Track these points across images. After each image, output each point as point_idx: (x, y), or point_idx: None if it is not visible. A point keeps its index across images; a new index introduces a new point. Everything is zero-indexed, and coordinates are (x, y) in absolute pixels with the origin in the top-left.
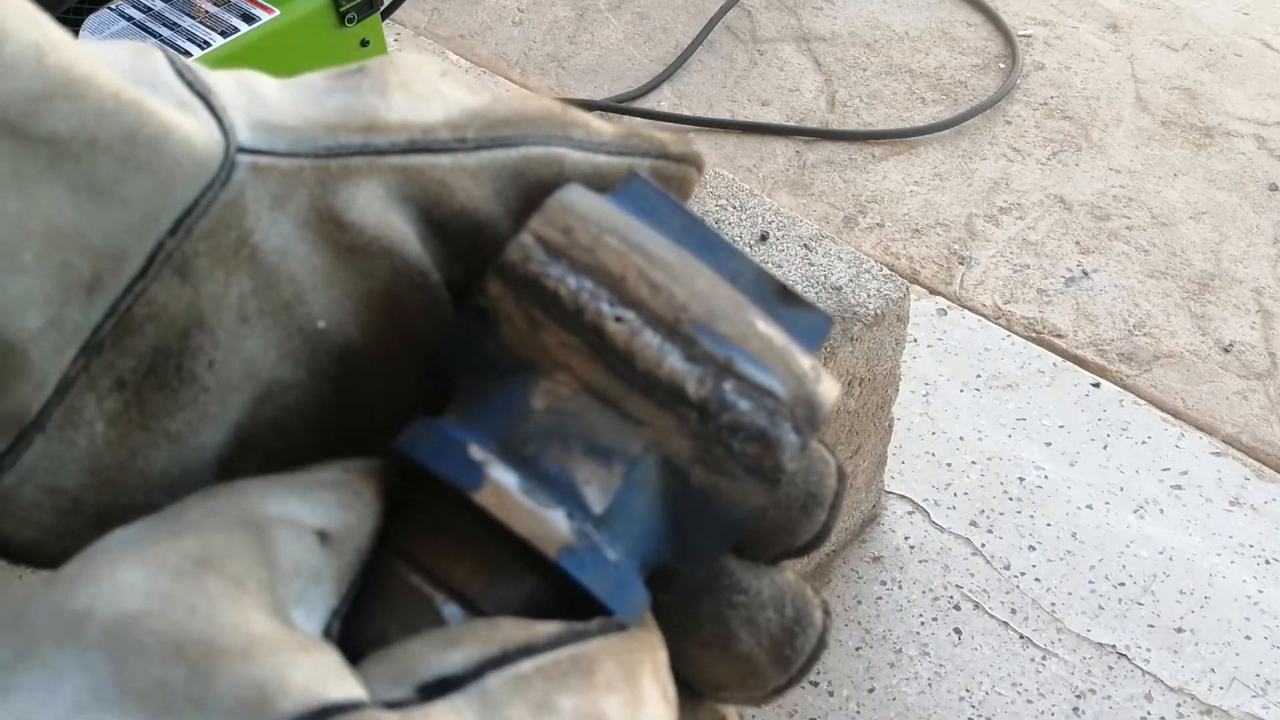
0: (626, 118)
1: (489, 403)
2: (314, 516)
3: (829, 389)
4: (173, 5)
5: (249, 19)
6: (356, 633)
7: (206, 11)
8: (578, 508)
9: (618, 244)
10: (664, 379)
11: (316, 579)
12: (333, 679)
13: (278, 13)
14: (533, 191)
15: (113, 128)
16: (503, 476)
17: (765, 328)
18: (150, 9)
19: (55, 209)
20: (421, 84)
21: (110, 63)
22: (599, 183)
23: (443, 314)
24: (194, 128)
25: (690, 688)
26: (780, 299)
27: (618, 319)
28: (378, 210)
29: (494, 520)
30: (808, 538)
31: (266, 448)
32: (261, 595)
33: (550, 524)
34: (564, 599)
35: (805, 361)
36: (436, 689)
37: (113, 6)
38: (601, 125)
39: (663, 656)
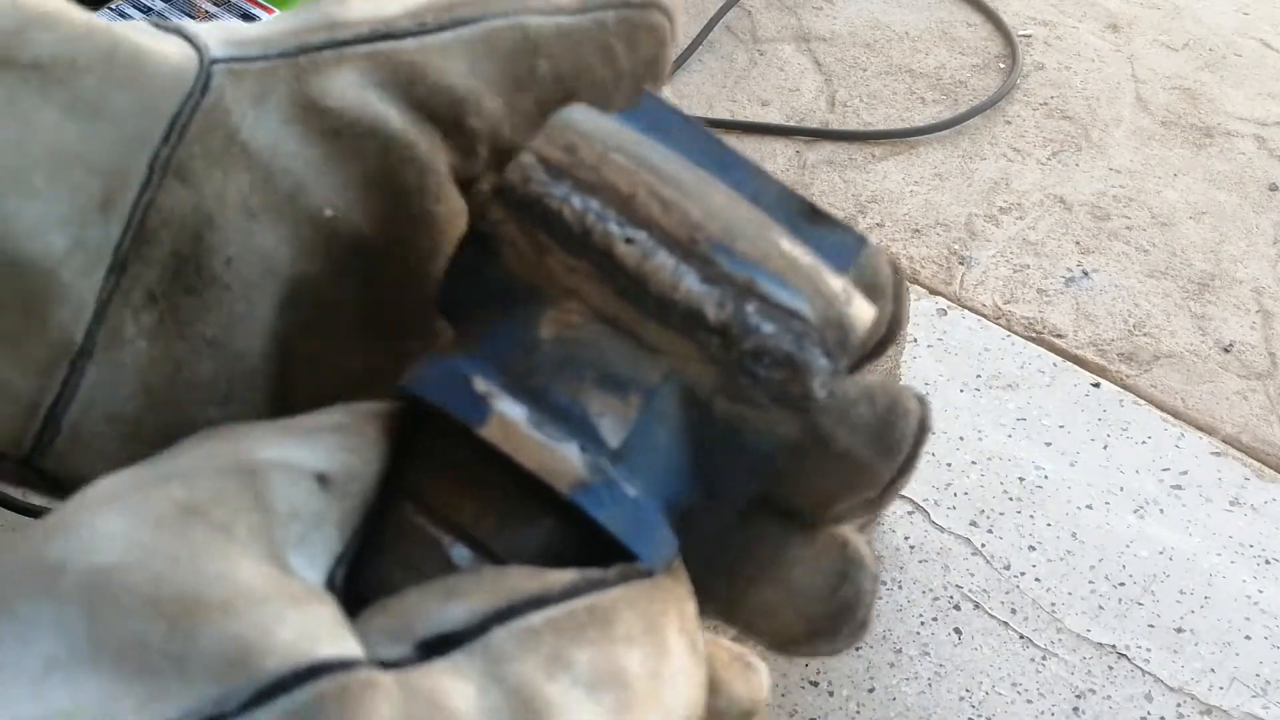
0: None
1: (494, 334)
2: (313, 459)
3: (862, 311)
4: (173, 5)
5: (248, 19)
6: (362, 580)
7: (206, 11)
8: (592, 441)
9: (625, 161)
10: (681, 302)
11: (317, 524)
12: (325, 634)
13: (277, 13)
14: (505, 63)
15: (91, 50)
16: (510, 409)
17: (790, 246)
18: (150, 9)
19: (53, 132)
20: None
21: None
22: (566, 45)
23: (444, 193)
24: (168, 47)
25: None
26: (808, 218)
27: (628, 240)
28: (354, 94)
29: (502, 456)
30: (877, 485)
31: (310, 354)
32: (253, 543)
33: (563, 457)
34: (583, 543)
35: (836, 282)
36: (437, 646)
37: (112, 6)
38: None
39: (691, 607)
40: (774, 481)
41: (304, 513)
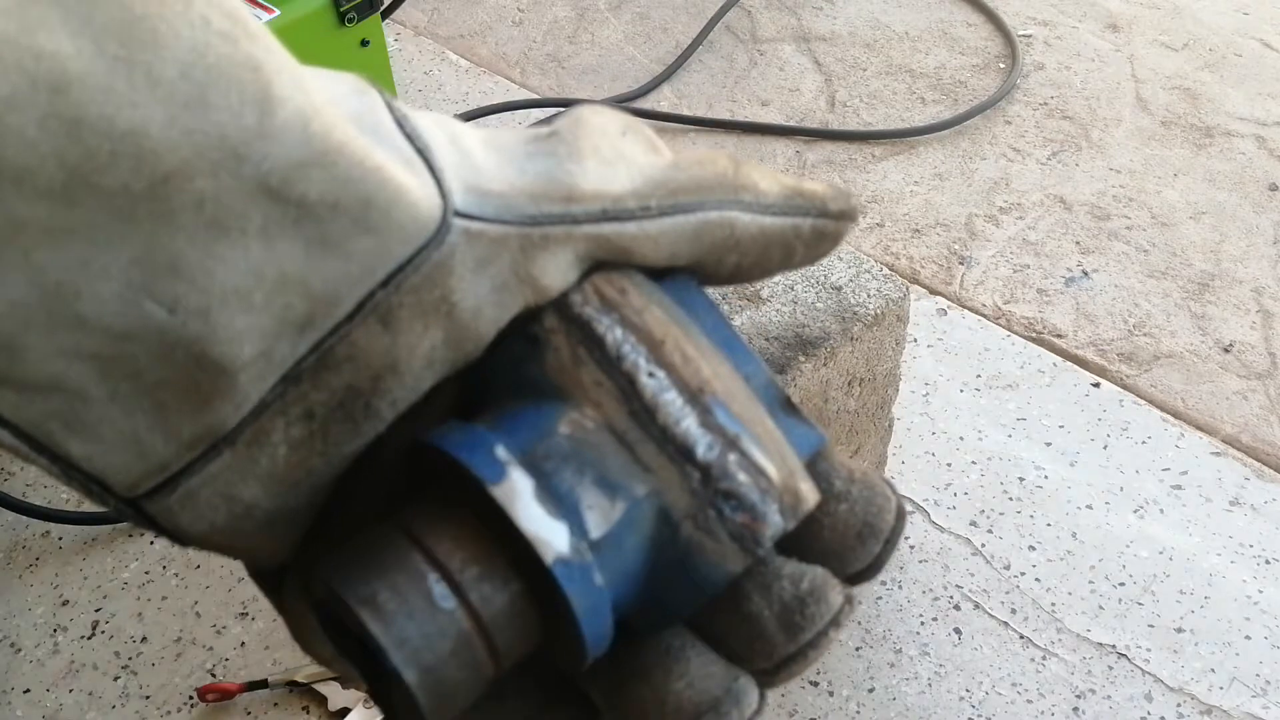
0: None
1: (520, 417)
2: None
3: (811, 493)
4: None
5: None
6: (349, 590)
7: None
8: (578, 527)
9: (663, 315)
10: (679, 436)
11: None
12: None
13: (278, 13)
14: (706, 254)
15: (355, 194)
16: (520, 480)
17: (770, 424)
18: None
19: (290, 260)
20: (608, 148)
21: (335, 100)
22: (760, 245)
23: None
24: (420, 192)
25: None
26: (784, 407)
27: (650, 374)
28: (564, 273)
29: (503, 517)
30: (859, 566)
31: None
32: None
33: (553, 532)
34: (541, 614)
35: (796, 462)
36: None
37: None
38: (768, 185)
39: None
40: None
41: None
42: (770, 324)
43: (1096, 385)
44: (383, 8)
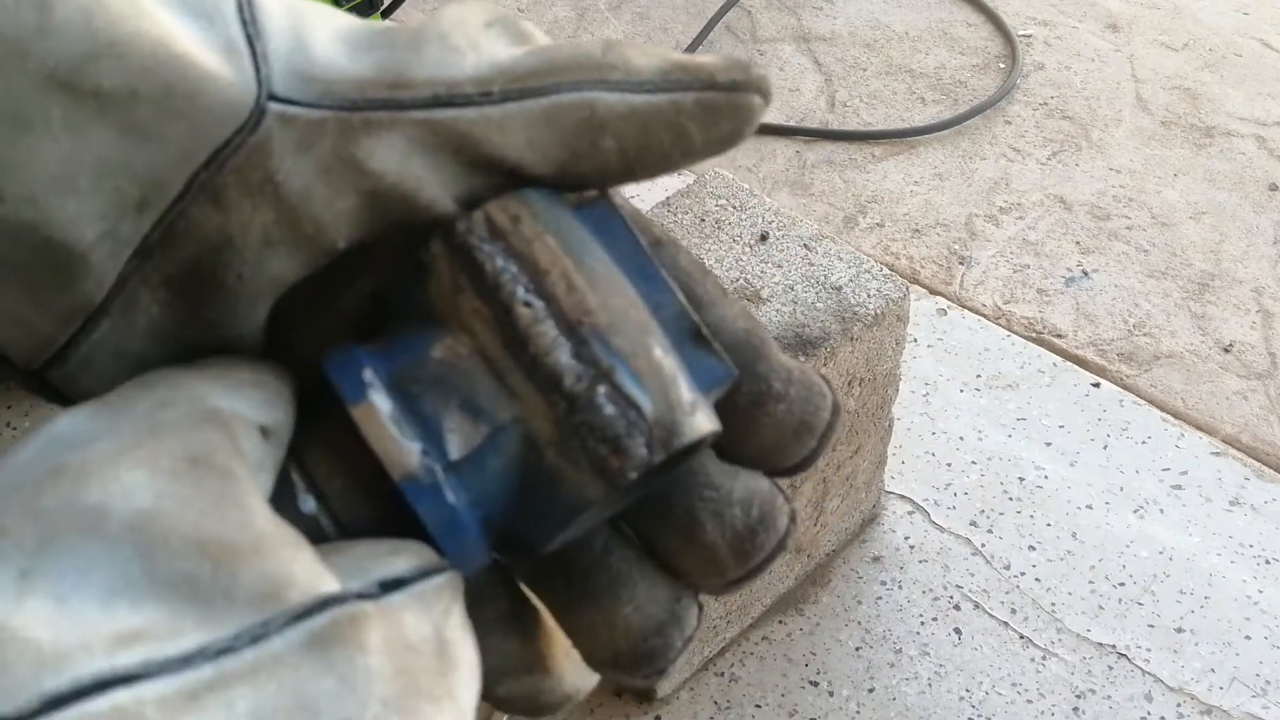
0: None
1: (396, 341)
2: (256, 414)
3: (702, 423)
4: None
5: None
6: None
7: None
8: (436, 449)
9: (554, 244)
10: (548, 365)
11: (262, 469)
12: (322, 572)
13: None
14: (567, 138)
15: (152, 81)
16: (379, 400)
17: (660, 355)
18: None
19: (104, 146)
20: (459, 36)
21: None
22: (635, 126)
23: None
24: (229, 79)
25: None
26: (693, 339)
27: (526, 304)
28: (398, 159)
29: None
30: (795, 460)
31: (290, 338)
32: (249, 488)
33: (404, 452)
34: (400, 527)
35: (687, 395)
36: (392, 586)
37: None
38: (643, 62)
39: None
40: (635, 527)
41: (258, 460)
42: (770, 324)
43: (1096, 385)
44: (383, 8)
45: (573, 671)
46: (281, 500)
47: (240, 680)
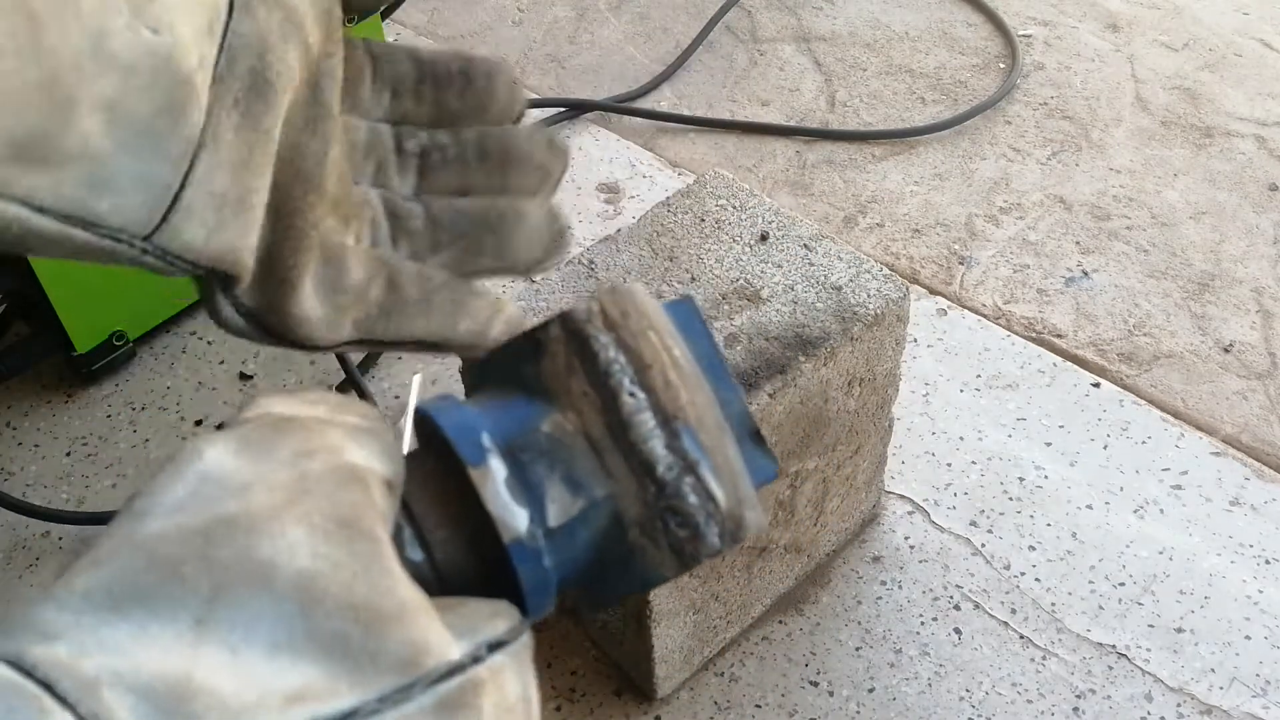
0: (626, 118)
1: (510, 409)
2: (379, 466)
3: (757, 519)
4: None
5: None
6: None
7: None
8: (539, 515)
9: (656, 340)
10: (644, 452)
11: (388, 522)
12: (448, 639)
13: None
14: None
15: None
16: (496, 466)
17: (732, 452)
18: None
19: None
20: None
21: None
22: None
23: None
24: None
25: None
26: (752, 438)
27: (631, 394)
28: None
29: (476, 494)
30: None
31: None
32: (390, 555)
33: (515, 515)
34: (490, 578)
35: (749, 491)
36: (495, 647)
37: None
38: None
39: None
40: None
41: (386, 513)
42: (770, 324)
43: (1096, 385)
44: (383, 8)
45: None
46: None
47: None
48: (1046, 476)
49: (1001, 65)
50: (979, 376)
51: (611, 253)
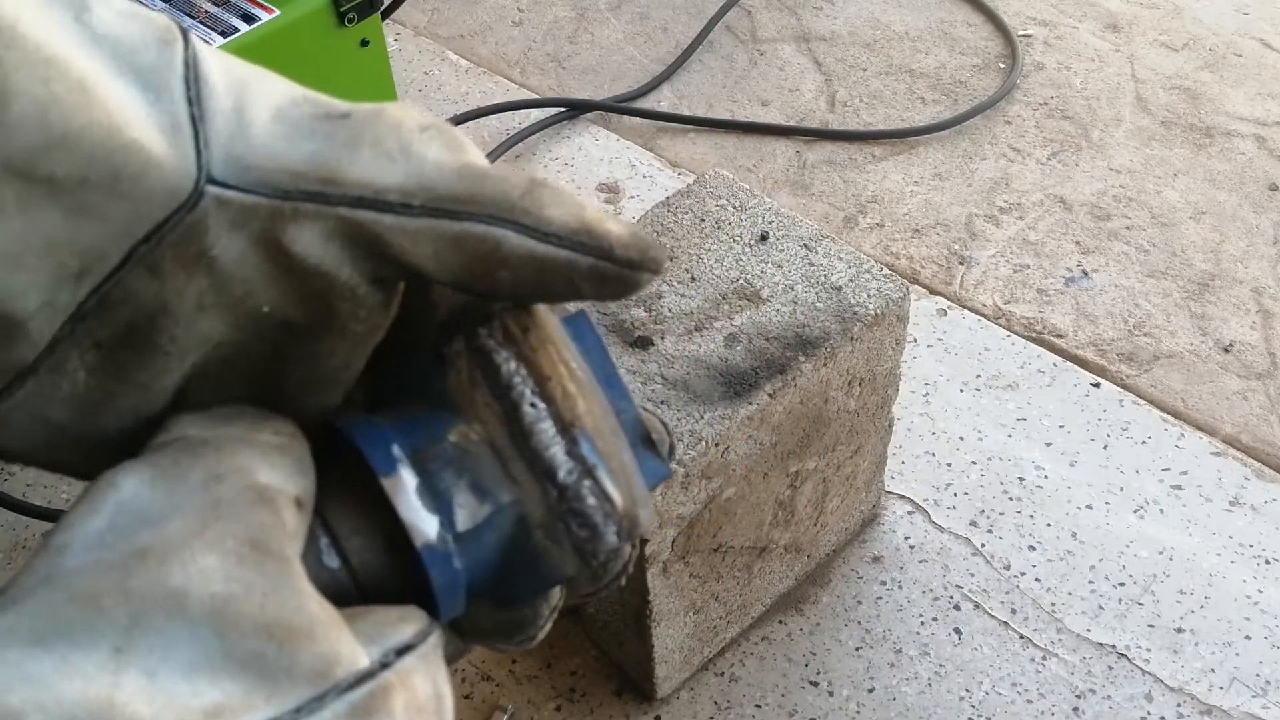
0: (626, 118)
1: (417, 423)
2: (290, 485)
3: (649, 517)
4: (172, 6)
5: (249, 19)
6: None
7: (206, 11)
8: (448, 520)
9: (554, 354)
10: (545, 459)
11: (298, 539)
12: (357, 649)
13: (278, 13)
14: (470, 260)
15: (102, 169)
16: (407, 475)
17: (627, 457)
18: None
19: (51, 226)
20: (393, 141)
21: (132, 50)
22: (533, 268)
23: (371, 320)
24: (172, 164)
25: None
26: (644, 442)
27: (532, 405)
28: (318, 247)
29: (388, 503)
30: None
31: (214, 377)
32: (299, 573)
33: (426, 522)
34: (404, 581)
35: (644, 491)
36: (403, 651)
37: None
38: (554, 212)
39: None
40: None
41: (296, 530)
42: (770, 324)
43: (1096, 385)
44: (383, 8)
45: None
46: (307, 554)
47: None
48: (1046, 476)
49: (1001, 65)
50: (979, 376)
51: None
